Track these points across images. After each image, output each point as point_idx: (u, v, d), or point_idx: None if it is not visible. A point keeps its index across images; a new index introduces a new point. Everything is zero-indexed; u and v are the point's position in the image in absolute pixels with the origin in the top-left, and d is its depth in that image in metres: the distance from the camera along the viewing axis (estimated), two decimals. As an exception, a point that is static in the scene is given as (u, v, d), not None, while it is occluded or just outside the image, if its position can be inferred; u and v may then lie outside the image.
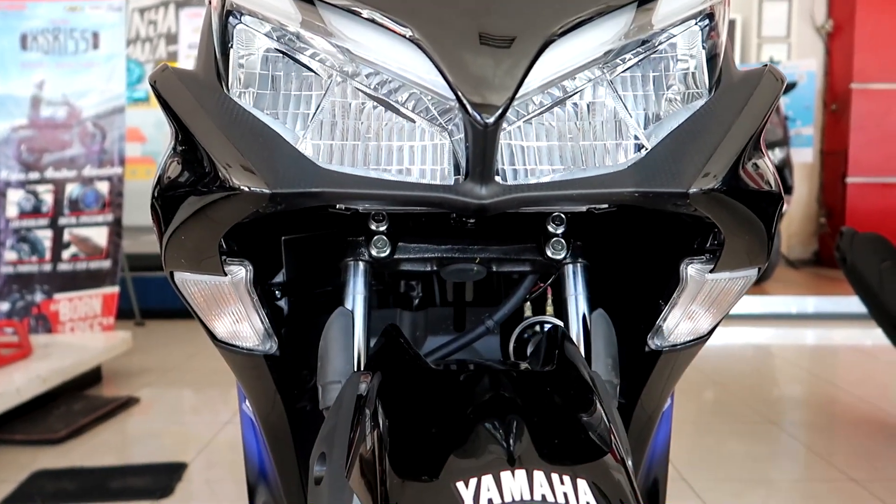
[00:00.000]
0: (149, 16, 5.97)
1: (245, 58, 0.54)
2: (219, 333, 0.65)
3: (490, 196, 0.48)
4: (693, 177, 0.50)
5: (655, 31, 0.52)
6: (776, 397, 2.55)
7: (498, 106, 0.46)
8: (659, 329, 0.66)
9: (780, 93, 0.58)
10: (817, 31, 6.36)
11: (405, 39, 0.47)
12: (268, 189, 0.49)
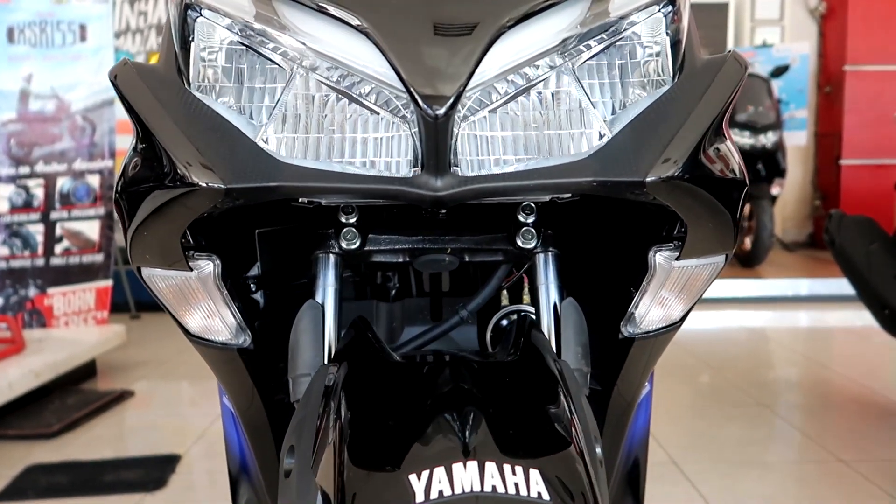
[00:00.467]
0: (139, 6, 5.92)
1: (206, 51, 0.54)
2: (191, 328, 0.65)
3: (445, 188, 0.48)
4: (650, 165, 0.50)
5: (613, 19, 0.52)
6: (768, 380, 2.56)
7: (448, 97, 0.46)
8: (631, 316, 0.66)
9: (743, 78, 0.58)
10: (811, 14, 6.33)
11: (358, 32, 0.47)
12: (223, 185, 0.49)
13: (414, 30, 0.47)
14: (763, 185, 4.35)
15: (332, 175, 0.49)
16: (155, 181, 0.52)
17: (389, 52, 0.46)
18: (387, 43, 0.46)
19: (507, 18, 0.47)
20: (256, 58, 0.53)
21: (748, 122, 4.36)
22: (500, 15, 0.47)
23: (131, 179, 0.55)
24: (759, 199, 4.27)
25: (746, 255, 4.40)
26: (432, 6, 0.47)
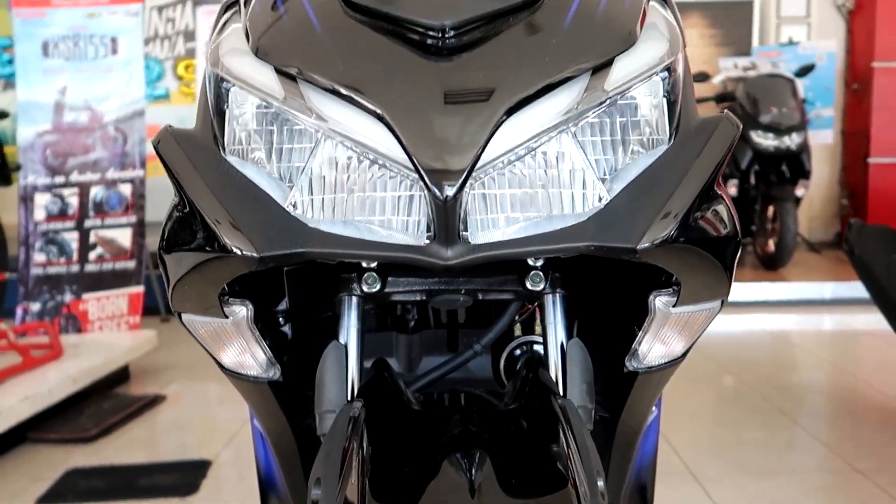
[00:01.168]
0: (167, 13, 6.04)
1: (239, 116, 0.59)
2: (225, 363, 0.71)
3: (455, 257, 0.53)
4: (642, 232, 0.54)
5: (612, 95, 0.56)
6: (789, 386, 2.57)
7: (455, 183, 0.50)
8: (635, 352, 0.70)
9: (736, 138, 0.61)
10: (838, 10, 6.24)
11: (376, 117, 0.52)
12: (256, 253, 0.54)
13: (424, 120, 0.51)
14: (787, 187, 4.32)
15: (353, 242, 0.54)
16: (194, 245, 0.57)
17: (403, 138, 0.50)
18: (400, 128, 0.51)
19: (511, 101, 0.51)
20: (285, 122, 0.58)
21: (772, 124, 4.33)
22: (501, 102, 0.51)
23: (172, 240, 0.60)
24: (783, 201, 4.24)
25: (770, 257, 4.37)
26: (439, 96, 0.51)
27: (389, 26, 0.55)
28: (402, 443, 0.55)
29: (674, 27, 0.64)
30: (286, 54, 0.56)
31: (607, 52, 0.55)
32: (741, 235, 0.61)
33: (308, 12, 0.57)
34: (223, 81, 0.59)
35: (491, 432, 0.56)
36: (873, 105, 5.95)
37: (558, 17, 0.56)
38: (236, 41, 0.61)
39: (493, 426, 0.57)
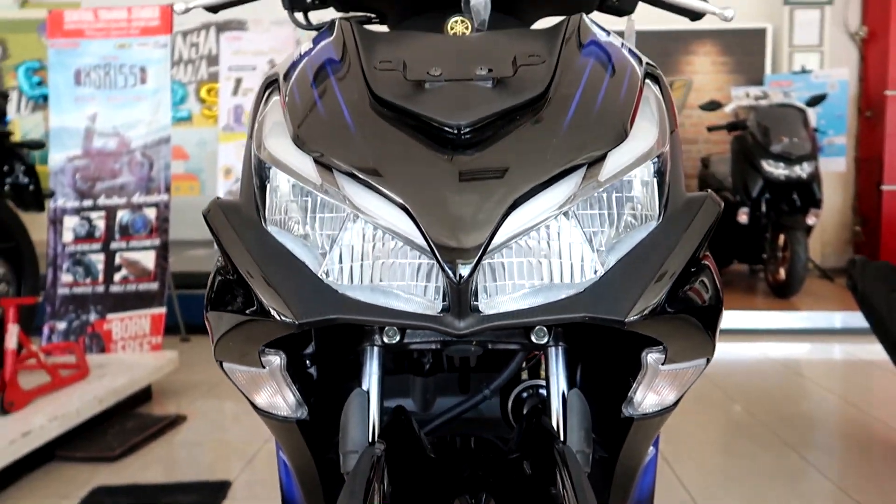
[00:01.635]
0: (191, 38, 6.23)
1: (279, 192, 0.67)
2: (258, 404, 0.79)
3: (467, 327, 0.60)
4: (630, 306, 0.62)
5: (603, 186, 0.63)
6: (796, 418, 2.60)
7: (468, 265, 0.58)
8: (630, 400, 0.77)
9: (718, 216, 0.68)
10: (851, 38, 6.30)
11: (400, 206, 0.60)
12: (295, 320, 0.61)
13: (443, 207, 0.59)
14: (798, 217, 4.36)
15: (378, 310, 0.62)
16: (237, 307, 0.65)
17: (423, 226, 0.58)
18: (420, 217, 0.58)
19: (517, 194, 0.59)
20: (319, 198, 0.66)
21: (783, 153, 4.38)
22: (512, 190, 0.59)
23: (217, 300, 0.68)
24: (793, 231, 4.28)
25: (781, 285, 4.41)
26: (452, 193, 0.59)
27: (412, 121, 0.63)
28: (419, 484, 0.62)
29: (663, 109, 0.72)
30: (323, 146, 0.64)
31: (601, 147, 0.63)
32: (723, 302, 0.68)
33: (341, 105, 0.65)
34: (264, 162, 0.67)
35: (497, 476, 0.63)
36: (886, 132, 5.99)
37: (559, 116, 0.64)
38: (277, 125, 0.69)
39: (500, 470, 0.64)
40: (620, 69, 0.70)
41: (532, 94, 0.64)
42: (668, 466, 2.14)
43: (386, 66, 0.65)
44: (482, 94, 0.63)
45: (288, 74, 0.76)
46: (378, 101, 0.65)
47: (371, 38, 0.73)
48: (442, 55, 0.68)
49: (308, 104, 0.67)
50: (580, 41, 0.72)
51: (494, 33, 0.74)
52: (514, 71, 0.65)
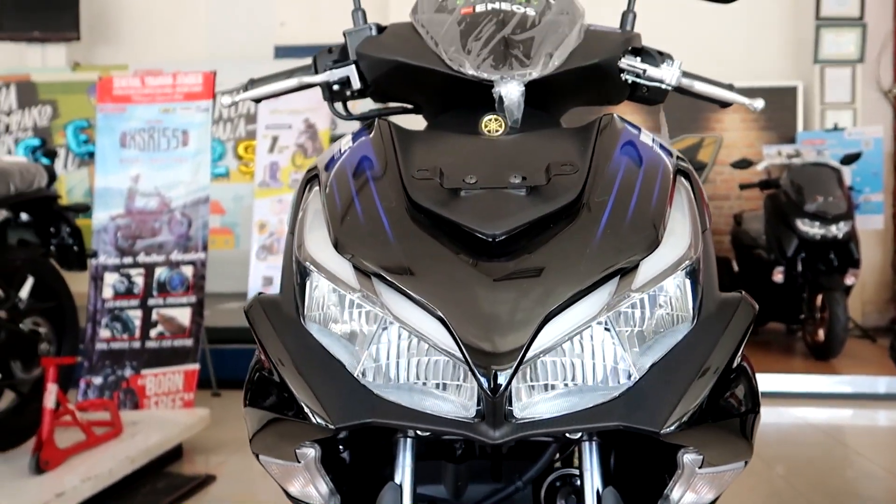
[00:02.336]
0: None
1: (318, 291, 0.70)
2: (291, 493, 0.79)
3: (501, 437, 0.61)
4: (665, 417, 0.61)
5: (636, 296, 0.64)
6: (834, 490, 2.50)
7: (503, 371, 0.59)
8: (667, 497, 0.76)
9: (754, 318, 0.68)
10: (884, 95, 6.27)
11: (438, 319, 0.61)
12: (333, 425, 0.63)
13: (479, 321, 0.60)
14: (836, 277, 4.28)
15: (413, 414, 0.63)
16: (273, 405, 0.67)
17: (460, 340, 0.60)
18: (458, 331, 0.60)
19: (549, 308, 0.60)
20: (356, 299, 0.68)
21: (818, 212, 4.33)
22: (545, 305, 0.60)
23: (255, 398, 0.70)
24: (831, 292, 4.20)
25: (820, 347, 4.30)
26: (489, 306, 0.61)
27: (448, 227, 0.65)
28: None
29: (695, 209, 0.73)
30: (362, 253, 0.66)
31: (634, 256, 0.64)
32: (760, 405, 0.67)
33: (380, 212, 0.67)
34: (305, 263, 0.70)
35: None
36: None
37: (592, 224, 0.65)
38: (317, 227, 0.72)
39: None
40: (652, 169, 0.72)
41: (565, 202, 0.65)
42: (706, 542, 2.07)
43: (424, 175, 0.68)
44: (516, 202, 0.65)
45: (328, 170, 0.79)
46: (415, 207, 0.67)
47: (408, 139, 0.76)
48: (477, 160, 0.70)
49: (347, 208, 0.70)
50: (612, 142, 0.74)
51: (527, 136, 0.76)
52: (547, 179, 0.67)
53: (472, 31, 0.84)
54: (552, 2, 0.92)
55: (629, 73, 0.94)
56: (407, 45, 0.88)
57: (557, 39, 0.85)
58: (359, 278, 0.66)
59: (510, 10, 0.87)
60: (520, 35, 0.84)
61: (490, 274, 0.61)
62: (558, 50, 0.83)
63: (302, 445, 0.72)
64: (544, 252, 0.63)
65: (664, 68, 0.95)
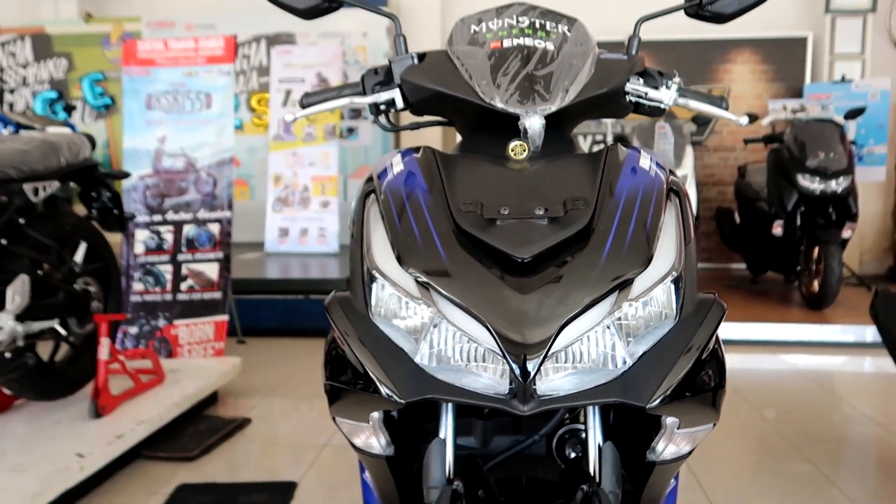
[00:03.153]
0: (243, 50, 6.51)
1: (383, 290, 0.88)
2: (357, 444, 1.00)
3: (529, 410, 0.80)
4: (651, 394, 0.81)
5: (632, 303, 0.83)
6: (818, 435, 2.74)
7: (532, 360, 0.77)
8: (653, 449, 0.96)
9: (723, 316, 0.87)
10: (895, 45, 6.27)
11: (481, 322, 0.80)
12: (401, 399, 0.82)
13: (513, 326, 0.78)
14: (833, 231, 4.44)
15: (460, 391, 0.82)
16: (350, 380, 0.87)
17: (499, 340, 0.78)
18: (498, 334, 0.78)
19: (566, 317, 0.79)
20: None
21: (819, 168, 4.46)
22: (563, 314, 0.78)
23: (334, 374, 0.90)
24: (827, 245, 4.37)
25: (814, 297, 4.50)
26: (524, 308, 0.79)
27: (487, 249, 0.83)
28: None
29: (680, 227, 0.90)
30: (420, 270, 0.84)
31: (631, 274, 0.82)
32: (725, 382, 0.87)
33: (433, 236, 0.85)
34: (374, 272, 0.88)
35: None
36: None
37: (599, 249, 0.82)
38: (381, 240, 0.89)
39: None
40: (647, 196, 0.89)
41: (577, 229, 0.83)
42: (694, 478, 2.32)
43: (468, 208, 0.85)
44: (540, 231, 0.83)
45: (384, 186, 0.96)
46: (461, 231, 0.85)
47: (450, 166, 0.94)
48: (508, 193, 0.88)
49: (405, 228, 0.87)
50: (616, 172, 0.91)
51: (548, 168, 0.93)
52: (564, 211, 0.84)
53: (500, 66, 1.00)
54: (569, 34, 1.07)
55: (633, 95, 1.11)
56: (445, 75, 1.04)
57: (573, 74, 1.00)
58: (417, 287, 0.84)
59: (533, 46, 1.03)
60: (541, 71, 0.99)
61: (520, 288, 0.80)
62: (573, 84, 0.99)
63: (372, 412, 0.92)
64: (563, 270, 0.81)
65: (663, 91, 1.11)
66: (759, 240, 5.11)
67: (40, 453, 2.14)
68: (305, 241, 5.68)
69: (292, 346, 4.20)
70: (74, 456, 2.12)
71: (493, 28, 1.07)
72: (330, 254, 5.57)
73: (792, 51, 6.30)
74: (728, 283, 5.63)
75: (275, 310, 4.46)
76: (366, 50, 6.42)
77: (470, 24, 1.09)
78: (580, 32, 1.08)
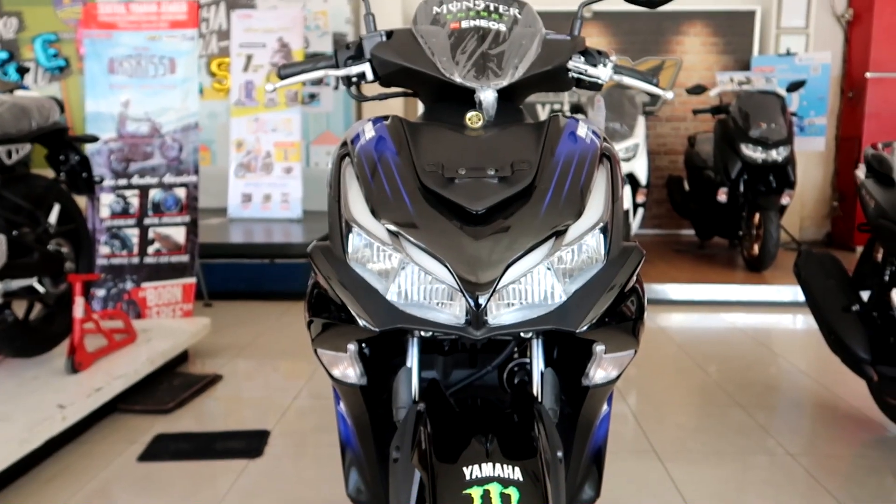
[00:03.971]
0: (202, 13, 6.44)
1: (358, 238, 1.03)
2: (334, 375, 1.15)
3: (481, 336, 0.96)
4: (580, 320, 0.98)
5: (567, 247, 0.99)
6: (748, 383, 3.01)
7: (483, 298, 0.93)
8: (586, 374, 1.14)
9: (642, 259, 1.05)
10: (838, 20, 6.55)
11: (443, 263, 0.95)
12: (375, 327, 0.97)
13: (469, 263, 0.93)
14: (773, 197, 4.71)
15: (425, 322, 0.98)
16: (331, 315, 1.01)
17: (455, 274, 0.94)
18: (454, 269, 0.94)
19: (513, 257, 0.94)
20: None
21: (761, 138, 4.72)
22: (510, 254, 0.94)
23: (315, 309, 1.04)
24: (767, 211, 4.64)
25: (754, 260, 4.79)
26: (478, 246, 0.94)
27: (447, 203, 0.98)
28: (448, 429, 1.00)
29: (609, 186, 1.07)
30: (391, 220, 0.98)
31: (565, 223, 0.98)
32: (644, 313, 1.04)
33: (402, 192, 0.99)
34: (351, 222, 1.02)
35: (497, 424, 1.00)
36: (866, 113, 6.30)
37: (539, 202, 0.98)
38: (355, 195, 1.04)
39: (499, 421, 1.01)
40: (582, 158, 1.05)
41: (522, 187, 0.99)
42: (637, 423, 2.55)
43: (431, 169, 1.00)
44: (491, 187, 0.98)
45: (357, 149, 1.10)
46: (426, 189, 1.00)
47: (416, 134, 1.08)
48: (465, 157, 1.03)
49: (378, 185, 1.02)
50: (556, 138, 1.07)
51: (499, 135, 1.08)
52: (511, 171, 1.00)
53: (459, 45, 1.14)
54: (519, 17, 1.22)
55: (574, 72, 1.26)
56: (410, 51, 1.17)
57: (522, 53, 1.15)
58: (389, 236, 0.98)
59: (487, 27, 1.17)
60: (494, 50, 1.14)
61: (475, 235, 0.95)
62: (522, 62, 1.14)
63: (349, 342, 1.07)
64: (509, 221, 0.96)
65: (600, 68, 1.26)
66: (705, 206, 5.38)
67: (23, 405, 2.24)
68: (268, 206, 5.74)
69: (259, 308, 4.32)
70: (56, 407, 2.23)
71: (452, 10, 1.21)
72: (293, 219, 5.65)
73: (741, 24, 6.54)
74: (677, 247, 5.91)
75: (241, 273, 4.55)
76: (327, 15, 6.42)
77: (432, 5, 1.23)
78: (529, 15, 1.23)
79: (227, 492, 2.04)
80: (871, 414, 2.61)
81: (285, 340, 3.63)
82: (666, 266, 5.05)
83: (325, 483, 2.09)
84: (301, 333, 3.75)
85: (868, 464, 2.23)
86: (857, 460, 2.27)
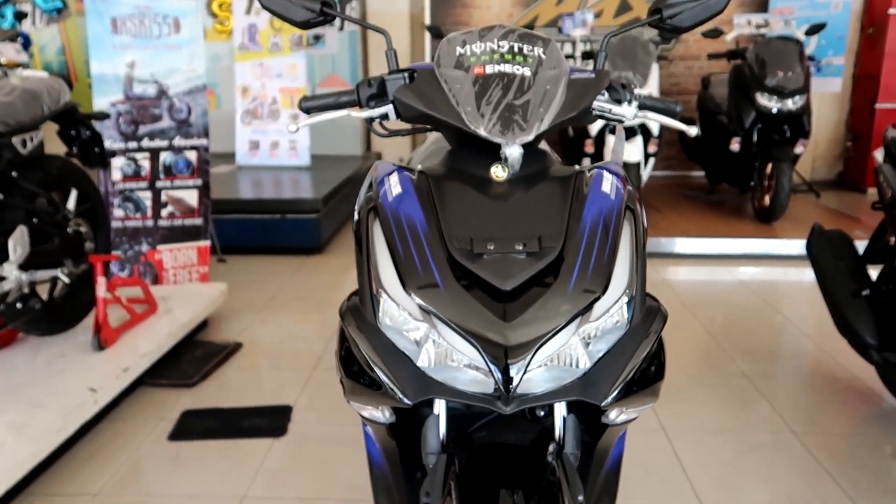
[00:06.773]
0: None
1: (389, 304, 1.06)
2: (364, 415, 1.21)
3: (510, 409, 1.01)
4: (605, 394, 1.02)
5: (593, 324, 1.02)
6: (756, 350, 3.08)
7: (513, 379, 0.97)
8: (606, 415, 1.19)
9: (664, 323, 1.08)
10: (861, -47, 6.27)
11: (473, 345, 0.98)
12: (407, 399, 1.02)
13: (497, 348, 0.97)
14: (786, 148, 4.66)
15: (456, 392, 1.02)
16: (364, 380, 1.06)
17: (485, 357, 0.97)
18: (482, 349, 0.97)
19: (542, 340, 0.97)
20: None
21: (777, 87, 4.62)
22: (540, 336, 0.97)
23: (347, 367, 1.09)
24: (780, 162, 4.60)
25: (765, 211, 4.78)
26: (508, 333, 0.97)
27: (477, 278, 1.00)
28: (475, 476, 1.06)
29: (633, 247, 1.09)
30: (422, 296, 1.01)
31: (591, 301, 1.01)
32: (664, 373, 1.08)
33: (432, 266, 1.01)
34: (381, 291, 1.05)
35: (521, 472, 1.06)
36: (886, 51, 6.12)
37: (567, 277, 1.00)
38: (384, 259, 1.06)
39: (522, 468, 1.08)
40: (607, 219, 1.07)
41: (550, 260, 1.01)
42: (645, 395, 2.64)
43: (461, 245, 1.02)
44: (519, 264, 1.00)
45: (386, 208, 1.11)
46: (455, 263, 1.02)
47: (443, 195, 1.09)
48: (492, 226, 1.04)
49: (408, 258, 1.04)
50: (581, 203, 1.08)
51: (525, 199, 1.09)
52: (539, 247, 1.02)
53: (483, 94, 1.13)
54: (543, 57, 1.20)
55: (598, 111, 1.25)
56: (434, 97, 1.16)
57: (547, 101, 1.14)
58: (422, 314, 1.01)
59: (512, 73, 1.15)
60: (519, 100, 1.13)
61: (504, 315, 0.98)
62: (548, 113, 1.13)
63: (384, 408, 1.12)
64: (539, 301, 0.99)
65: (625, 107, 1.25)
66: (717, 153, 5.33)
67: (54, 387, 2.33)
68: (276, 154, 5.71)
69: (272, 263, 4.38)
70: (87, 391, 2.32)
71: (476, 52, 1.19)
72: (302, 167, 5.63)
73: (761, -43, 6.26)
74: (686, 192, 5.89)
75: (253, 228, 4.59)
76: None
77: (455, 45, 1.21)
78: (553, 54, 1.21)
79: (256, 473, 2.15)
80: (870, 384, 2.69)
81: (299, 302, 3.70)
82: (675, 215, 5.06)
83: (349, 465, 2.19)
84: (314, 293, 3.82)
85: (868, 441, 2.32)
86: (858, 438, 2.36)
